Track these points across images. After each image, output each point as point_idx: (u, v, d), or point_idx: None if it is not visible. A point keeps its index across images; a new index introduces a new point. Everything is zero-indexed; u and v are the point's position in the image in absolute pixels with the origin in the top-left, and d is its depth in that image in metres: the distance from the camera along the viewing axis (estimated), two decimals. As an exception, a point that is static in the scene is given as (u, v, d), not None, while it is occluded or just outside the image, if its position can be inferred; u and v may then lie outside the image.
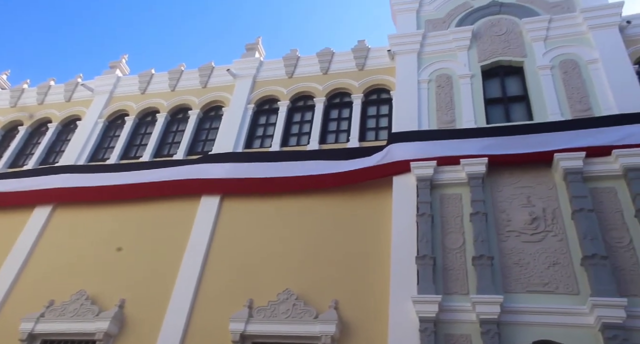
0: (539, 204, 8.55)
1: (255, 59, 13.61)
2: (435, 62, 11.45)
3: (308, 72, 12.94)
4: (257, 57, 13.72)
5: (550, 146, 8.87)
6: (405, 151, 9.68)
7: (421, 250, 8.26)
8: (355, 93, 12.11)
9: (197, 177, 11.02)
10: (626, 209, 8.06)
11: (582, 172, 8.44)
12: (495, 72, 11.09)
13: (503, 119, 10.20)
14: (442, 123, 10.27)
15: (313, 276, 9.04)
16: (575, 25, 10.96)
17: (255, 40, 14.34)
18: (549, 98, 9.93)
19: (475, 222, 8.39)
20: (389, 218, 9.19)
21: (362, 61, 12.54)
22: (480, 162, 8.98)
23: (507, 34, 11.44)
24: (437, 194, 9.12)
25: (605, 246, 7.63)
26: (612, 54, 10.13)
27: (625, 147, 8.39)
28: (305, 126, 12.10)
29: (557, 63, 10.52)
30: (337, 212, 9.86)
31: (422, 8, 12.79)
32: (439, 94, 10.82)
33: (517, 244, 8.19)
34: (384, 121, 11.52)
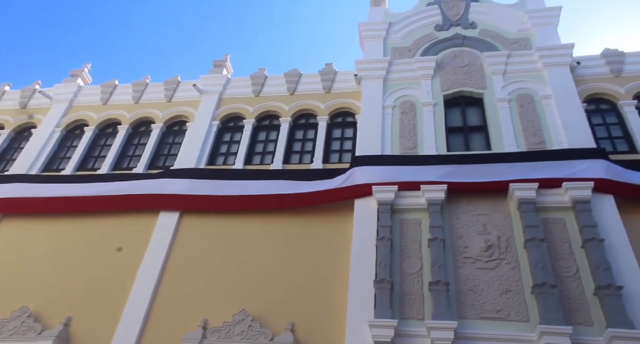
0: (494, 232, 8.82)
1: (223, 76, 13.59)
2: (400, 88, 11.76)
3: (275, 92, 13.02)
4: (225, 74, 13.71)
5: (506, 176, 9.20)
6: (368, 175, 9.82)
7: (379, 274, 8.33)
8: (320, 115, 12.25)
9: (156, 192, 10.80)
10: (574, 239, 8.43)
11: (535, 202, 8.79)
12: (457, 102, 11.48)
13: (463, 147, 10.53)
14: (405, 149, 10.50)
15: (270, 297, 8.94)
16: (531, 62, 11.53)
17: (224, 57, 14.34)
18: (506, 130, 10.34)
19: (433, 248, 8.55)
20: (349, 241, 9.22)
21: (329, 84, 12.74)
22: (439, 188, 9.21)
23: (469, 66, 11.90)
24: (397, 219, 9.26)
25: (554, 275, 7.94)
26: (564, 92, 10.70)
27: (574, 181, 8.81)
28: (270, 145, 12.11)
29: (514, 97, 11.00)
30: (297, 233, 9.84)
31: (389, 36, 13.16)
32: (402, 120, 11.09)
33: (473, 271, 8.40)
34: (348, 143, 11.67)
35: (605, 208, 8.59)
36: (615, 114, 10.81)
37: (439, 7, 13.42)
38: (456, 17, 13.14)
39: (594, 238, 8.09)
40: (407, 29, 13.22)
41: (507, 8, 13.01)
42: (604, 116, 10.86)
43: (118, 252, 10.11)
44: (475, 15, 13.06)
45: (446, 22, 13.08)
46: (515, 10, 12.84)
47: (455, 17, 13.14)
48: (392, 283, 8.22)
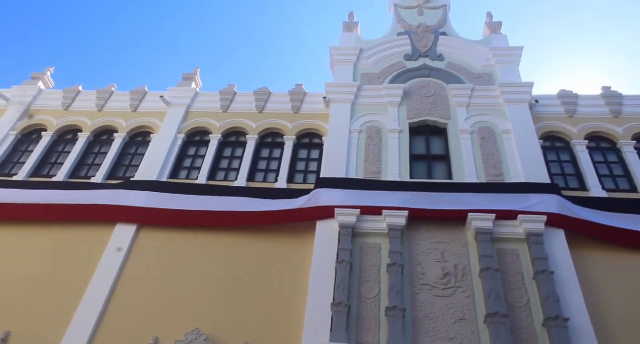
0: (452, 260, 9.00)
1: (191, 89, 13.48)
2: (367, 114, 11.97)
3: (243, 109, 13.01)
4: (194, 88, 13.61)
5: (465, 206, 9.45)
6: (331, 197, 9.88)
7: (337, 297, 8.33)
8: (288, 134, 12.29)
9: (113, 203, 10.50)
10: (526, 270, 8.70)
11: (491, 233, 9.05)
12: (422, 131, 11.78)
13: (425, 175, 10.77)
14: (369, 173, 10.65)
15: (225, 315, 8.77)
16: (493, 97, 12.01)
17: (193, 71, 14.26)
18: (467, 160, 10.67)
19: (392, 273, 8.64)
20: (309, 262, 9.20)
21: (297, 104, 12.83)
22: (401, 214, 9.36)
23: (435, 96, 12.27)
24: (357, 242, 9.33)
25: (506, 305, 8.15)
26: (522, 127, 11.17)
27: (528, 214, 9.14)
28: (235, 161, 12.03)
29: (476, 129, 11.39)
30: (257, 252, 9.74)
31: (359, 61, 13.44)
32: (368, 145, 11.26)
33: (429, 298, 8.51)
34: (314, 164, 11.73)
35: (556, 242, 8.94)
36: (569, 152, 11.34)
37: (409, 38, 13.84)
38: (425, 48, 13.58)
39: (544, 270, 8.38)
40: (377, 56, 13.54)
41: (473, 44, 13.56)
42: (558, 153, 11.37)
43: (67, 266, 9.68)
44: (443, 48, 13.53)
45: (415, 53, 13.49)
46: (480, 47, 13.40)
47: (424, 49, 13.57)
48: (349, 307, 8.23)
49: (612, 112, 11.76)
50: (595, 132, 11.54)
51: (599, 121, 11.67)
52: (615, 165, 10.93)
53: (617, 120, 11.63)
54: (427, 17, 14.54)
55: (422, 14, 14.71)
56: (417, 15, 14.70)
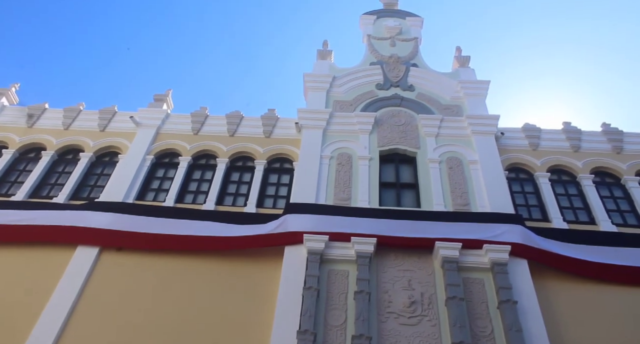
0: (419, 288, 9.03)
1: (162, 110, 13.38)
2: (338, 140, 12.09)
3: (215, 132, 12.95)
4: (165, 109, 13.50)
5: (433, 234, 9.55)
6: (300, 223, 9.84)
7: (303, 325, 8.21)
8: (259, 159, 12.27)
9: (75, 224, 10.17)
10: (491, 300, 8.79)
11: (458, 262, 9.15)
12: (392, 159, 11.95)
13: (394, 203, 10.87)
14: (338, 200, 10.68)
15: (188, 342, 8.50)
16: (461, 128, 12.33)
17: (165, 92, 14.17)
18: (435, 189, 10.84)
19: (359, 300, 8.59)
20: (276, 288, 9.08)
21: (269, 129, 12.86)
22: (369, 241, 9.38)
23: (405, 125, 12.52)
24: (325, 269, 9.27)
25: (471, 334, 8.19)
26: (489, 159, 11.48)
27: (494, 243, 9.30)
28: (204, 184, 11.89)
29: (445, 159, 11.63)
30: (223, 277, 9.56)
31: (332, 89, 13.65)
32: (338, 172, 11.34)
33: (395, 326, 8.48)
34: (284, 190, 11.71)
35: (519, 271, 9.09)
36: (532, 183, 11.68)
37: (381, 68, 14.18)
38: (396, 78, 13.92)
39: (508, 300, 8.49)
40: (350, 84, 13.79)
41: (442, 76, 13.98)
42: (522, 184, 11.70)
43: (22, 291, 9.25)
44: (414, 79, 13.90)
45: (387, 82, 13.81)
46: (449, 79, 13.82)
47: (395, 79, 13.91)
48: (315, 335, 8.11)
49: (572, 147, 12.22)
50: (557, 166, 11.94)
51: (561, 154, 12.11)
52: (576, 198, 11.30)
53: (577, 154, 12.09)
54: (399, 49, 14.96)
55: (394, 46, 15.12)
56: (390, 46, 15.11)
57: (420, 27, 16.00)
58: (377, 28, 15.91)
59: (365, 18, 16.28)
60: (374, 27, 15.97)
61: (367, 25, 16.07)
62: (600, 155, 12.04)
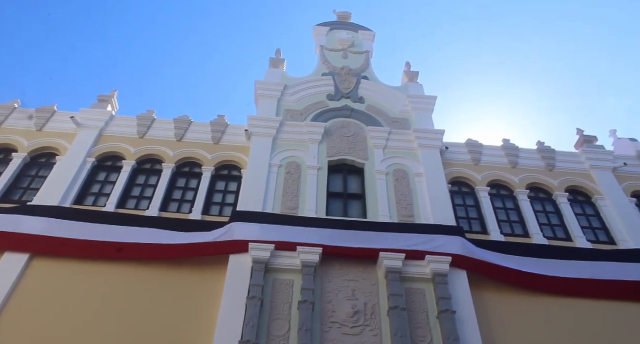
0: (362, 298, 9.13)
1: (106, 112, 12.91)
2: (287, 149, 12.10)
3: (161, 136, 12.63)
4: (109, 110, 13.03)
5: (377, 245, 9.70)
6: (246, 231, 9.73)
7: (245, 335, 8.11)
8: (206, 165, 12.06)
9: (2, 229, 9.56)
10: (431, 310, 9.02)
11: (401, 272, 9.33)
12: (340, 169, 12.08)
13: (341, 213, 10.98)
14: (286, 208, 10.66)
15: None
16: (408, 141, 12.66)
17: (110, 93, 13.69)
18: (381, 200, 11.04)
19: (302, 310, 8.58)
20: (219, 298, 8.91)
21: (218, 135, 12.69)
22: (315, 251, 9.41)
23: (354, 136, 12.71)
24: (270, 278, 9.21)
25: (411, 343, 8.34)
26: (433, 172, 11.83)
27: (435, 254, 9.56)
28: (148, 190, 11.54)
29: (391, 170, 11.88)
30: (165, 286, 9.29)
31: (283, 97, 13.66)
32: (286, 180, 11.32)
33: (338, 336, 8.53)
34: (231, 197, 11.55)
35: (459, 282, 9.39)
36: (473, 197, 12.14)
37: (333, 79, 14.35)
38: (347, 90, 14.13)
39: (447, 310, 8.74)
40: (301, 93, 13.86)
41: (392, 90, 14.33)
42: (464, 197, 12.13)
43: None
44: (364, 91, 14.16)
45: (338, 93, 13.98)
46: (398, 93, 14.19)
47: (346, 90, 14.11)
48: (257, 345, 8.02)
49: (510, 163, 12.83)
50: (496, 180, 12.49)
51: (500, 170, 12.67)
52: (512, 211, 11.84)
53: (514, 170, 12.69)
54: (351, 61, 15.21)
55: (347, 58, 15.37)
56: (342, 58, 15.34)
57: (372, 41, 16.35)
58: (330, 39, 16.12)
59: (319, 29, 16.47)
60: (327, 38, 16.17)
61: (320, 36, 16.25)
62: (534, 171, 12.70)
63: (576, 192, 12.42)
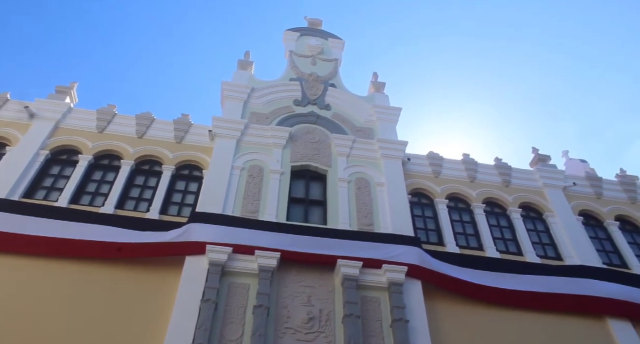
0: (318, 304, 9.13)
1: (64, 103, 12.47)
2: (251, 152, 12.01)
3: (122, 132, 12.30)
4: (67, 102, 12.59)
5: (336, 252, 9.74)
6: (204, 233, 9.58)
7: (197, 338, 7.97)
8: (167, 164, 11.82)
9: None
10: (385, 318, 9.11)
11: (357, 280, 9.39)
12: (303, 175, 12.08)
13: (301, 219, 10.96)
14: (246, 212, 10.56)
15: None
16: (372, 150, 12.80)
17: (70, 85, 13.23)
18: (342, 208, 11.10)
19: (257, 315, 8.51)
20: (173, 300, 8.72)
21: (181, 134, 12.47)
22: (273, 256, 9.35)
23: (319, 143, 12.75)
24: (226, 282, 9.09)
25: (364, 352, 8.40)
26: (394, 182, 12.00)
27: (392, 264, 9.68)
28: (104, 186, 11.20)
29: (354, 179, 11.98)
30: (116, 285, 9.03)
31: (250, 100, 13.57)
32: (248, 183, 11.23)
33: (292, 342, 8.49)
34: (191, 198, 11.36)
35: (413, 292, 9.53)
36: (432, 208, 12.38)
37: (300, 85, 14.38)
38: (314, 96, 14.18)
39: (401, 319, 8.86)
40: (268, 97, 13.81)
41: (358, 99, 14.48)
42: (423, 209, 12.36)
43: None
44: (331, 99, 14.25)
45: (304, 99, 14.01)
46: (364, 103, 14.35)
47: (313, 97, 14.16)
48: (209, 350, 7.88)
49: (469, 177, 13.17)
50: (455, 193, 12.78)
51: (459, 183, 12.99)
52: (468, 224, 12.14)
53: (472, 184, 13.04)
54: (320, 68, 15.29)
55: (315, 64, 15.44)
56: (311, 64, 15.40)
57: (341, 49, 16.50)
58: (300, 45, 16.17)
59: (289, 34, 16.50)
60: (296, 44, 16.21)
61: (290, 41, 16.27)
62: (491, 187, 13.09)
63: (529, 208, 12.87)
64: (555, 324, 9.92)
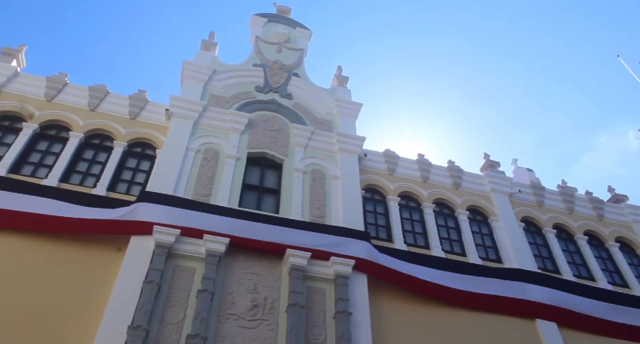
0: (263, 292, 9.12)
1: (10, 67, 11.79)
2: (208, 135, 11.79)
3: (72, 102, 11.78)
4: (14, 66, 11.91)
5: (285, 241, 9.74)
6: (152, 213, 9.34)
7: (137, 320, 7.80)
8: (119, 140, 11.42)
9: None
10: (329, 309, 9.22)
11: (305, 270, 9.45)
12: (259, 162, 11.98)
13: (254, 206, 10.87)
14: (198, 195, 10.38)
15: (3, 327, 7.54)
16: (330, 143, 12.85)
17: (18, 47, 12.50)
18: (296, 198, 11.10)
19: (201, 299, 8.41)
20: (115, 280, 8.47)
21: (136, 110, 12.07)
22: (222, 241, 9.25)
23: (278, 131, 12.66)
24: (171, 264, 8.93)
25: (305, 341, 8.48)
26: (349, 177, 12.11)
27: (340, 257, 9.79)
28: (49, 157, 10.71)
29: (310, 170, 11.99)
30: (56, 262, 8.71)
31: (211, 82, 13.28)
32: (203, 166, 11.03)
33: (234, 328, 8.45)
34: (141, 176, 11.05)
35: (359, 285, 9.69)
36: (384, 205, 12.60)
37: (264, 71, 14.21)
38: (277, 84, 14.05)
39: (344, 311, 8.98)
40: (230, 81, 13.58)
41: (320, 91, 14.47)
42: (375, 205, 12.55)
43: None
44: (293, 88, 14.17)
45: (267, 86, 13.87)
46: (327, 95, 14.35)
47: (275, 85, 14.03)
48: (147, 332, 7.73)
49: (422, 177, 13.48)
50: (407, 192, 13.05)
51: (411, 182, 13.27)
52: (417, 223, 12.45)
53: (424, 184, 13.36)
54: (285, 56, 15.16)
55: (281, 52, 15.29)
56: (276, 52, 15.24)
57: (308, 40, 16.42)
58: (267, 31, 15.97)
59: (256, 19, 16.26)
60: (263, 29, 16.00)
61: (257, 26, 16.04)
62: (442, 188, 13.45)
63: (476, 211, 13.33)
64: (489, 323, 10.35)
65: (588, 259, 13.03)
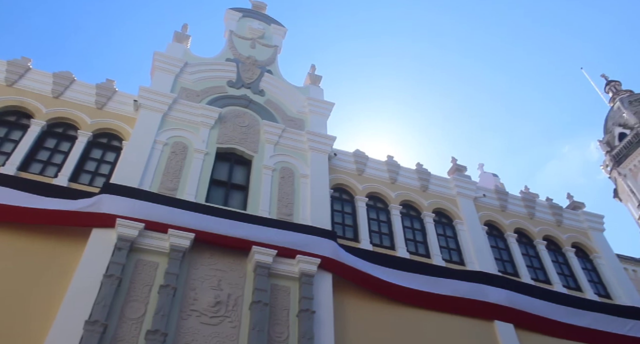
0: (227, 289, 9.04)
1: (-27, 49, 11.29)
2: (177, 128, 11.61)
3: (36, 89, 11.39)
4: (-24, 48, 11.41)
5: (251, 238, 9.67)
6: (116, 205, 9.14)
7: (95, 314, 7.62)
8: (83, 129, 11.11)
9: None
10: (293, 308, 9.22)
11: (270, 268, 9.41)
12: (228, 158, 11.86)
13: (221, 202, 10.76)
14: (164, 189, 10.21)
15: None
16: (300, 141, 12.83)
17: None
18: (264, 195, 11.05)
19: (162, 295, 8.27)
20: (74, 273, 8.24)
21: (103, 100, 11.76)
22: (187, 236, 9.13)
23: (248, 127, 12.57)
24: (133, 258, 8.77)
25: (268, 339, 8.46)
26: (318, 176, 12.12)
27: (306, 255, 9.79)
28: (8, 145, 10.33)
29: (279, 168, 11.95)
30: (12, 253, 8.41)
31: (182, 74, 13.07)
32: (170, 160, 10.85)
33: (196, 325, 8.36)
34: (106, 168, 10.78)
35: (323, 284, 9.72)
36: (351, 205, 12.67)
37: (237, 66, 14.07)
38: (249, 80, 13.94)
39: (308, 309, 9.00)
40: (202, 74, 13.39)
41: (293, 89, 14.42)
42: (343, 204, 12.61)
43: None
44: (266, 85, 14.08)
45: (239, 82, 13.74)
46: (299, 93, 14.33)
47: (248, 80, 13.92)
48: (106, 327, 7.56)
49: (390, 179, 13.62)
50: (375, 193, 13.17)
51: (380, 183, 13.39)
52: (384, 224, 12.57)
53: (392, 186, 13.50)
54: (258, 52, 15.05)
55: (254, 48, 15.18)
56: (250, 47, 15.11)
57: (282, 37, 16.35)
58: (241, 26, 15.82)
59: (231, 13, 16.08)
60: (237, 24, 15.84)
61: (231, 20, 15.87)
62: (409, 190, 13.63)
63: (441, 214, 13.56)
64: (449, 323, 10.56)
65: (546, 263, 13.46)
